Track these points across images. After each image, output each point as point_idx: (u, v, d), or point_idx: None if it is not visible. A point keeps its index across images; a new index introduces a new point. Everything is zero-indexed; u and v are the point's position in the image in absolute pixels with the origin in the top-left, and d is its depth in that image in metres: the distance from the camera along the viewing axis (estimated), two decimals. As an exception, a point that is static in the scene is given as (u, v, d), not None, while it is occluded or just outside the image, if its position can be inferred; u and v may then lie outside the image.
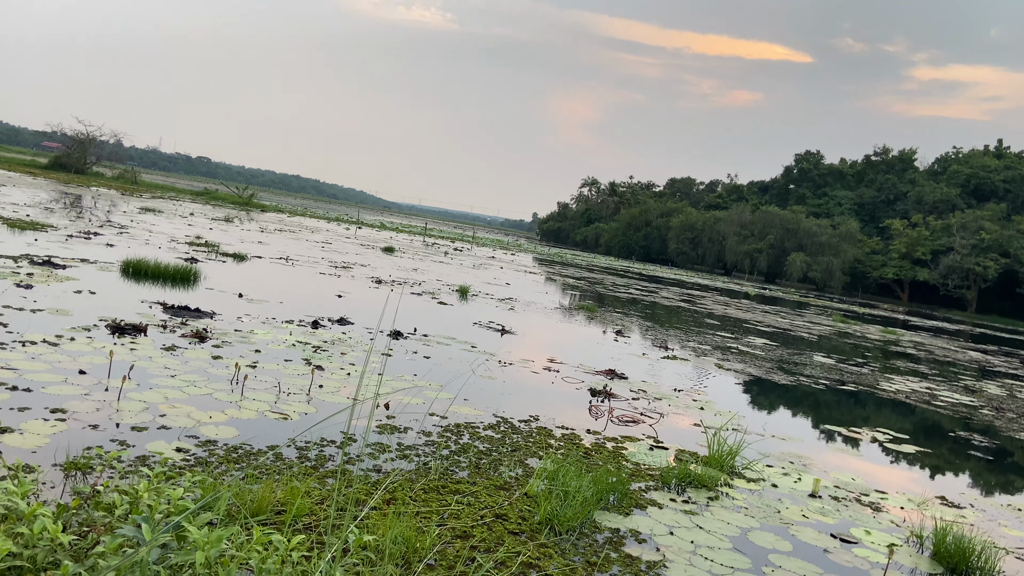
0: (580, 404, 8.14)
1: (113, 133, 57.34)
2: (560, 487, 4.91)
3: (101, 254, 13.73)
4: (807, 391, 11.81)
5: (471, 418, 6.75)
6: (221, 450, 4.91)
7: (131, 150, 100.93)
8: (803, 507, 5.82)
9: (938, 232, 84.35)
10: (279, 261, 18.29)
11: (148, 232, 20.15)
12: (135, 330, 7.88)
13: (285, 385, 6.73)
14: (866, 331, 28.63)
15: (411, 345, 9.84)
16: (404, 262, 25.21)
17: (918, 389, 14.01)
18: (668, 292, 34.14)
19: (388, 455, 5.36)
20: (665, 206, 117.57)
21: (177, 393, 5.99)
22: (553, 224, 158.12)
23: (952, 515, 6.23)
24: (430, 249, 37.69)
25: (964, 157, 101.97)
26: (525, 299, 18.99)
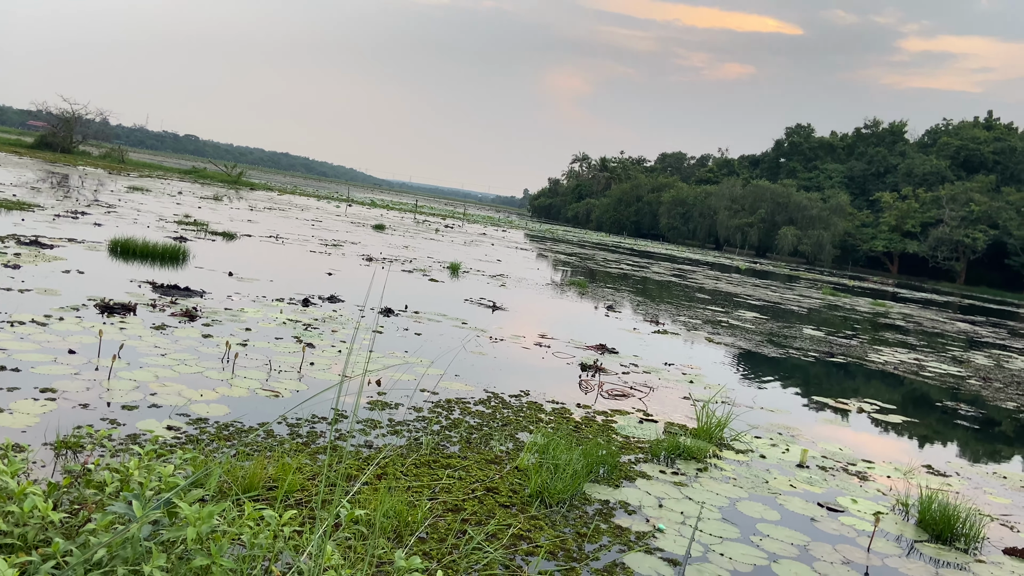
0: (570, 379, 8.18)
1: (99, 111, 56.76)
2: (550, 460, 4.95)
3: (89, 233, 13.64)
4: (796, 363, 11.90)
5: (462, 394, 6.78)
6: (212, 428, 4.92)
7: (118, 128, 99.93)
8: (791, 477, 5.89)
9: (928, 204, 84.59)
10: (269, 239, 18.21)
11: (136, 211, 20.01)
12: (124, 309, 7.86)
13: (276, 363, 6.74)
14: (856, 304, 28.79)
15: (402, 322, 9.84)
16: (395, 239, 25.14)
17: (906, 360, 14.13)
18: (659, 267, 34.20)
19: (379, 431, 5.39)
20: (656, 181, 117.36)
21: (167, 372, 5.99)
22: (544, 200, 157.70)
23: (938, 483, 6.32)
24: (421, 226, 37.58)
25: (954, 129, 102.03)
26: (516, 275, 18.99)
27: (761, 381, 10.22)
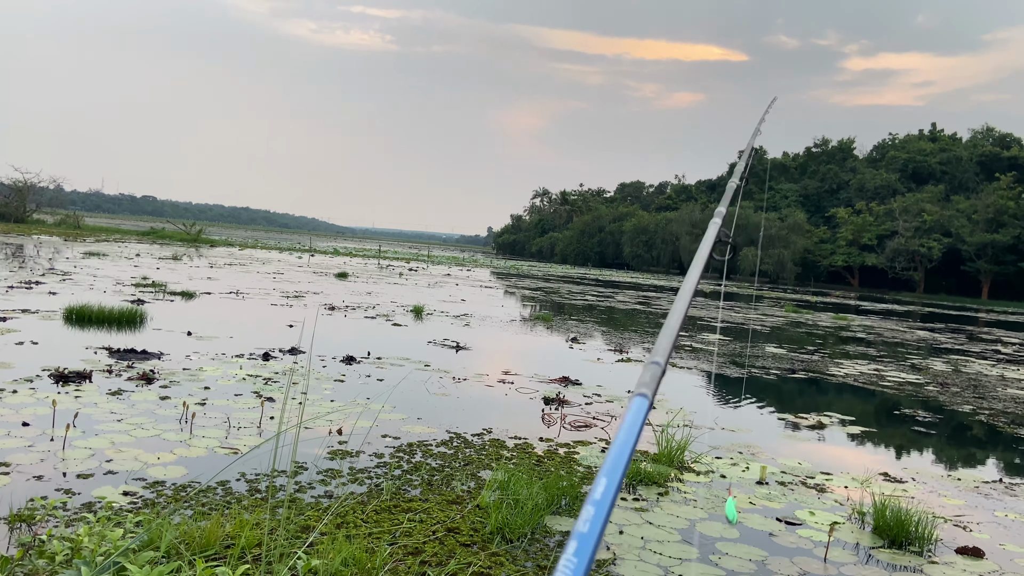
0: (533, 413, 8.25)
1: (52, 179, 56.25)
2: (511, 496, 5.01)
3: (43, 303, 13.48)
4: (758, 382, 12.10)
5: (424, 436, 6.81)
6: (169, 490, 4.90)
7: (72, 194, 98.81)
8: (750, 494, 6.00)
9: (881, 217, 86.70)
10: (229, 296, 18.11)
11: (92, 277, 19.79)
12: (79, 377, 7.79)
13: (235, 420, 6.72)
14: (818, 319, 29.32)
15: (364, 369, 9.85)
16: (358, 286, 25.12)
17: (866, 371, 14.42)
18: (624, 296, 34.54)
19: (340, 480, 5.40)
20: (617, 211, 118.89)
21: (124, 437, 5.95)
22: (508, 237, 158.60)
23: (895, 490, 6.47)
24: (384, 271, 37.58)
25: (900, 143, 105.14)
26: (480, 314, 19.08)
27: (723, 402, 10.37)
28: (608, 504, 0.81)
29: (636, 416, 0.96)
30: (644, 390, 1.02)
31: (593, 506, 0.80)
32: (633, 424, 0.94)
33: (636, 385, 1.03)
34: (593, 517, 0.79)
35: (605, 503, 0.81)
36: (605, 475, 0.85)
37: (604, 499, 0.81)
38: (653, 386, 1.05)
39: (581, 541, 0.75)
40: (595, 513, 0.79)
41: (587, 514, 0.79)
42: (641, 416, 0.97)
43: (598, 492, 0.82)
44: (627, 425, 0.94)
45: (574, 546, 0.75)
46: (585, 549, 0.75)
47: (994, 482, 7.13)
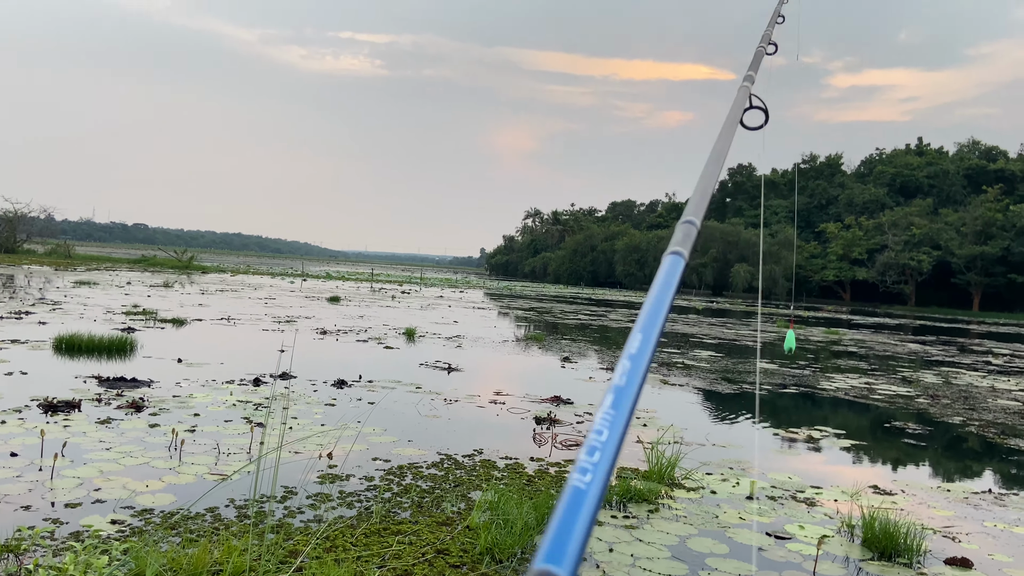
0: (525, 433, 8.26)
1: (43, 208, 56.36)
2: (501, 516, 5.02)
3: (33, 333, 13.44)
4: (749, 398, 12.13)
5: (414, 458, 6.81)
6: (158, 517, 4.89)
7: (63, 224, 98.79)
8: (740, 510, 6.02)
9: (871, 231, 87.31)
10: (220, 322, 18.08)
11: (83, 306, 19.75)
12: (68, 406, 7.77)
13: (225, 446, 6.71)
14: (810, 334, 29.41)
15: (355, 392, 9.85)
16: (350, 310, 25.12)
17: (857, 385, 14.48)
18: (617, 314, 34.60)
19: (329, 504, 5.40)
20: (608, 230, 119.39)
21: (112, 465, 5.94)
22: (501, 257, 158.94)
23: (885, 502, 6.50)
24: (377, 295, 37.58)
25: (888, 157, 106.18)
26: (473, 335, 19.09)
27: (714, 418, 10.40)
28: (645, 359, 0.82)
29: (671, 273, 0.99)
30: (678, 248, 1.05)
31: (630, 360, 0.81)
32: (668, 281, 0.97)
33: (671, 244, 1.07)
34: (630, 371, 0.79)
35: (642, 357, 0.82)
36: (640, 331, 0.86)
37: (640, 353, 0.82)
38: (688, 244, 1.08)
39: (618, 394, 0.76)
40: (632, 367, 0.80)
41: (623, 368, 0.80)
42: (676, 273, 0.99)
43: (634, 347, 0.83)
44: (661, 282, 0.96)
45: (611, 399, 0.76)
46: (623, 402, 0.76)
47: (984, 493, 7.17)
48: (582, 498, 0.65)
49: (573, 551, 0.61)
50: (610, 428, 0.72)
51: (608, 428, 0.72)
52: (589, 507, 0.64)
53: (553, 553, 0.60)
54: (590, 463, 0.68)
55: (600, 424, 0.72)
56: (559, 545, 0.61)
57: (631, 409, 0.75)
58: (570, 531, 0.62)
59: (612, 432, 0.71)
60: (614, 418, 0.73)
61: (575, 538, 0.62)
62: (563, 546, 0.61)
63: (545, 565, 0.59)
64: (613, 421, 0.72)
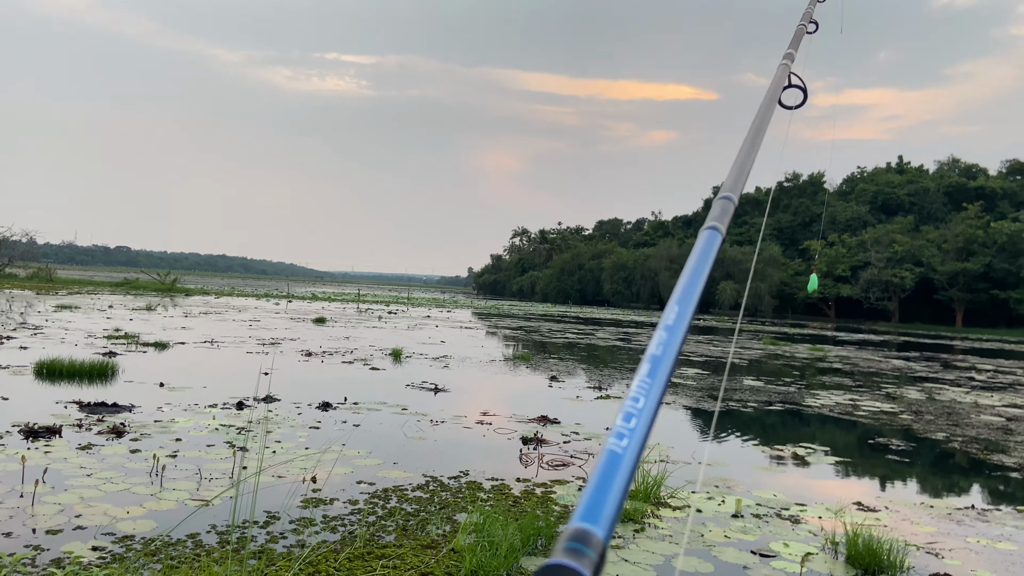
0: (511, 454, 8.24)
1: (25, 232, 55.95)
2: (486, 538, 5.00)
3: (14, 358, 13.30)
4: (735, 415, 12.16)
5: (400, 481, 6.77)
6: (138, 544, 4.84)
7: (45, 247, 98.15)
8: (725, 528, 6.02)
9: (854, 249, 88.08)
10: (203, 345, 17.97)
11: (64, 330, 19.57)
12: (49, 432, 7.68)
13: (207, 471, 6.65)
14: (795, 351, 29.56)
15: (340, 415, 9.80)
16: (336, 331, 25.02)
17: (841, 402, 14.55)
18: (604, 333, 34.64)
19: (313, 528, 5.36)
20: (596, 248, 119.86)
21: (93, 492, 5.87)
22: (488, 277, 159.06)
23: (868, 519, 6.52)
24: (363, 315, 37.46)
25: (869, 175, 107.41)
26: (460, 355, 19.06)
27: (700, 436, 10.41)
28: (681, 330, 0.83)
29: (708, 247, 1.00)
30: (715, 223, 1.07)
31: (666, 331, 0.82)
32: (705, 254, 0.99)
33: (708, 219, 1.08)
34: (667, 341, 0.81)
35: (678, 328, 0.83)
36: (677, 303, 0.87)
37: (677, 324, 0.84)
38: (725, 220, 1.09)
39: (654, 363, 0.78)
40: (668, 337, 0.81)
41: (660, 338, 0.81)
42: (713, 247, 1.01)
43: (671, 318, 0.84)
44: (699, 255, 0.98)
45: (647, 368, 0.77)
46: (659, 371, 0.77)
47: (967, 508, 7.21)
48: (618, 461, 0.68)
49: (609, 512, 0.64)
50: (646, 396, 0.75)
51: (644, 396, 0.75)
52: (625, 471, 0.67)
53: (589, 513, 0.63)
54: (627, 428, 0.71)
55: (636, 392, 0.75)
56: (595, 506, 0.64)
57: (667, 378, 0.78)
58: (606, 493, 0.65)
59: (648, 399, 0.74)
60: (650, 386, 0.76)
61: (611, 500, 0.64)
62: (599, 507, 0.63)
63: (582, 523, 0.62)
64: (649, 389, 0.75)
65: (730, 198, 1.17)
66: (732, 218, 1.14)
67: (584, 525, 0.62)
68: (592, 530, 0.61)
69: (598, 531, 0.61)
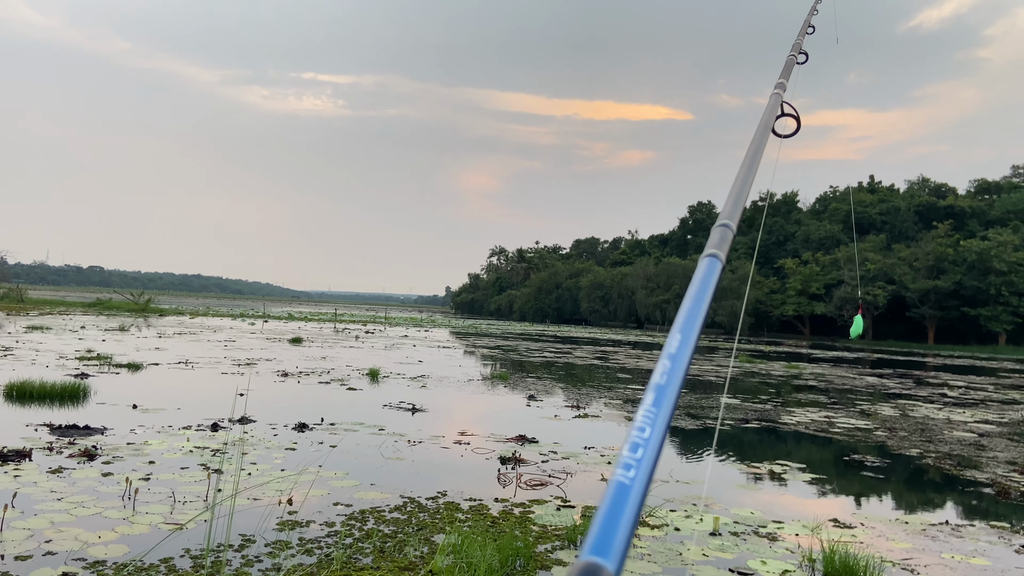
0: (489, 474, 8.21)
1: (-5, 251, 54.84)
2: (464, 559, 4.97)
3: (-18, 380, 13.04)
4: (712, 432, 12.21)
5: (377, 502, 6.72)
6: (110, 569, 4.75)
7: (16, 267, 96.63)
8: (704, 546, 6.03)
9: (827, 267, 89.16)
10: (177, 366, 17.75)
11: (35, 351, 19.25)
12: (18, 456, 7.53)
13: (180, 494, 6.55)
14: (771, 368, 29.78)
15: (317, 436, 9.71)
16: (312, 351, 24.83)
17: (817, 419, 14.67)
18: (582, 351, 34.70)
19: (289, 551, 5.29)
20: (573, 267, 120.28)
21: (64, 516, 5.76)
22: (466, 296, 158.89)
23: (845, 535, 6.57)
24: (340, 335, 37.23)
25: (842, 195, 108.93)
26: (438, 375, 18.98)
27: (678, 453, 10.44)
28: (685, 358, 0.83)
29: (708, 274, 1.01)
30: (715, 250, 1.07)
31: (670, 360, 0.82)
32: (705, 282, 0.99)
33: (707, 247, 1.08)
34: (671, 370, 0.80)
35: (682, 356, 0.83)
36: (679, 331, 0.87)
37: (680, 352, 0.83)
38: (724, 247, 1.10)
39: (659, 392, 0.78)
40: (672, 366, 0.81)
41: (664, 367, 0.80)
42: (713, 275, 1.01)
43: (673, 346, 0.84)
44: (699, 283, 0.98)
45: (652, 397, 0.77)
46: (664, 400, 0.77)
47: (941, 524, 7.28)
48: (627, 493, 0.68)
49: (619, 545, 0.63)
50: (652, 425, 0.75)
51: (650, 425, 0.75)
52: (634, 502, 0.68)
53: (599, 546, 0.63)
54: (633, 459, 0.71)
55: (642, 421, 0.75)
56: (605, 539, 0.63)
57: (672, 406, 0.78)
58: (616, 525, 0.64)
59: (654, 429, 0.75)
60: (655, 415, 0.76)
61: (621, 532, 0.64)
62: (609, 540, 0.63)
63: (592, 557, 0.62)
64: (655, 418, 0.76)
65: (728, 226, 1.18)
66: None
67: (595, 559, 0.61)
68: (603, 564, 0.60)
69: (609, 565, 0.61)
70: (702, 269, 1.02)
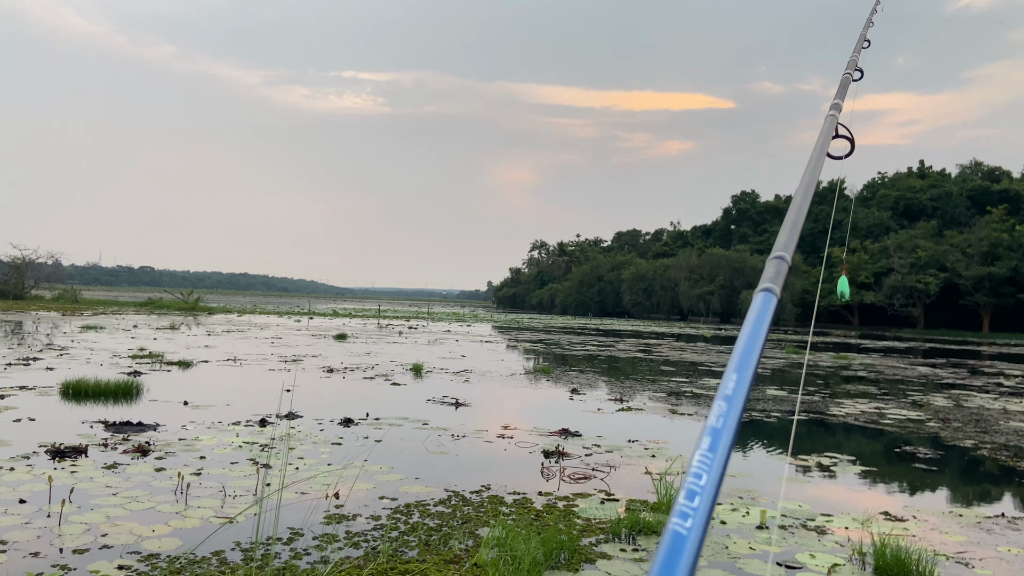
0: (533, 467, 8.22)
1: (50, 254, 56.74)
2: (509, 552, 4.98)
3: (40, 379, 13.49)
4: (758, 425, 12.05)
5: (422, 496, 6.78)
6: (164, 562, 4.87)
7: (70, 269, 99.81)
8: (750, 540, 5.96)
9: (877, 255, 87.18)
10: (226, 363, 18.12)
11: (89, 350, 19.83)
12: (75, 452, 7.77)
13: (230, 488, 6.70)
14: (819, 359, 29.25)
15: (362, 430, 9.83)
16: (357, 347, 25.13)
17: (867, 410, 14.37)
18: (625, 344, 34.51)
19: (336, 544, 5.37)
20: (615, 259, 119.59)
21: (119, 511, 5.93)
22: (508, 290, 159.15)
23: (896, 529, 6.43)
24: (384, 331, 37.61)
25: (891, 180, 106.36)
26: (480, 369, 19.06)
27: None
28: (741, 400, 0.80)
29: (763, 311, 0.96)
30: (769, 284, 1.03)
31: (726, 401, 0.79)
32: (760, 318, 0.94)
33: (761, 280, 1.04)
34: (727, 412, 0.78)
35: (737, 398, 0.80)
36: (735, 371, 0.84)
37: (736, 394, 0.80)
38: (779, 281, 1.05)
39: (715, 436, 0.75)
40: (728, 408, 0.78)
41: (719, 410, 0.78)
42: (768, 311, 0.97)
43: (729, 387, 0.81)
44: (754, 320, 0.94)
45: (708, 442, 0.74)
46: (719, 444, 0.74)
47: (996, 517, 7.08)
48: (683, 543, 0.65)
49: None
50: (708, 471, 0.72)
51: (707, 471, 0.72)
52: (691, 552, 0.65)
53: None
54: (690, 507, 0.68)
55: (698, 467, 0.72)
56: None
57: (729, 450, 0.75)
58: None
59: (711, 475, 0.72)
60: (712, 461, 0.72)
61: None
62: None
63: None
64: (711, 464, 0.72)
65: (783, 258, 1.12)
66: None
67: None
68: None
69: None
70: (757, 305, 0.98)
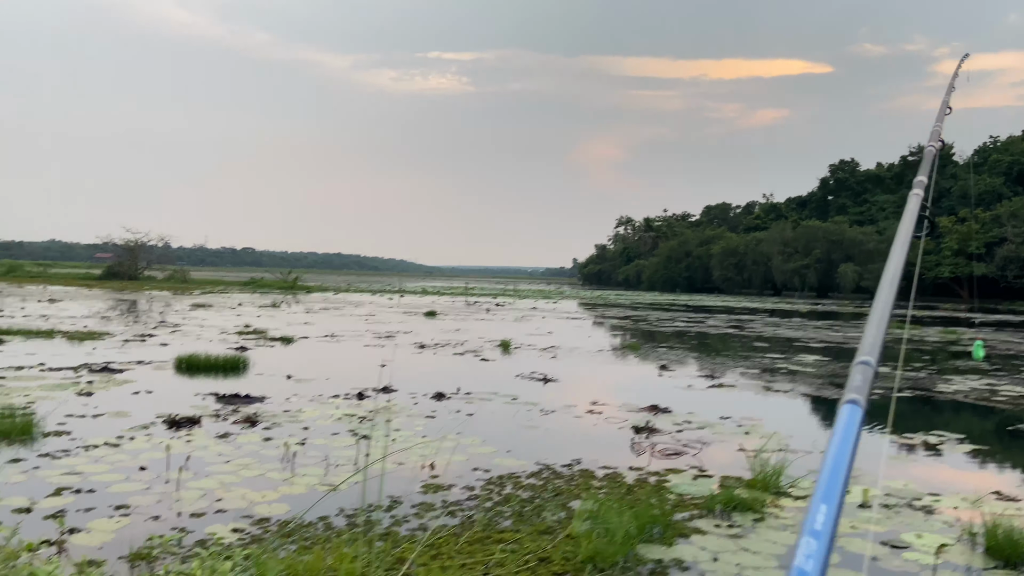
0: (623, 443, 8.22)
1: (160, 237, 60.01)
2: (601, 525, 5.03)
3: (156, 354, 14.34)
4: (859, 402, 11.64)
5: (514, 468, 6.90)
6: (274, 526, 5.15)
7: (179, 251, 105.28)
8: (852, 519, 5.81)
9: (988, 224, 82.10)
10: (325, 339, 18.80)
11: (199, 327, 20.92)
12: (190, 422, 8.26)
13: (333, 458, 6.99)
14: (925, 335, 27.94)
15: (454, 404, 10.05)
16: (446, 324, 25.60)
17: (977, 387, 13.67)
18: (715, 320, 33.87)
19: (433, 513, 5.54)
20: (703, 234, 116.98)
21: (232, 477, 6.29)
22: (593, 267, 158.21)
23: (1009, 509, 6.13)
24: (472, 308, 38.12)
25: (1003, 145, 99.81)
26: (567, 346, 19.11)
27: (821, 424, 10.05)
28: (829, 535, 0.71)
29: (849, 427, 0.86)
30: (855, 395, 0.91)
31: (814, 538, 0.70)
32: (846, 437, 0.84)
33: (845, 391, 0.92)
34: (816, 552, 0.69)
35: (826, 534, 0.71)
36: (823, 500, 0.75)
37: (825, 529, 0.72)
38: (865, 390, 0.93)
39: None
40: (817, 547, 0.70)
41: (808, 548, 0.70)
42: (854, 427, 0.86)
43: (818, 521, 0.73)
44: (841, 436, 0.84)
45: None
46: None
47: (1124, 500, 6.64)
48: None
49: None
50: None
51: None
52: None
53: None
54: None
55: None
56: None
57: None
58: None
59: None
60: None
61: None
62: None
63: None
64: None
65: (868, 363, 1.01)
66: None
67: None
68: None
69: None
70: (842, 420, 0.88)
